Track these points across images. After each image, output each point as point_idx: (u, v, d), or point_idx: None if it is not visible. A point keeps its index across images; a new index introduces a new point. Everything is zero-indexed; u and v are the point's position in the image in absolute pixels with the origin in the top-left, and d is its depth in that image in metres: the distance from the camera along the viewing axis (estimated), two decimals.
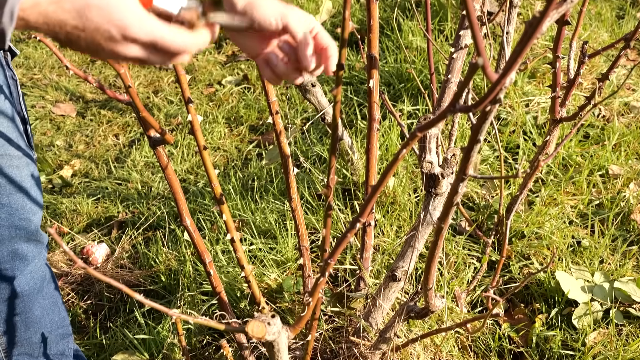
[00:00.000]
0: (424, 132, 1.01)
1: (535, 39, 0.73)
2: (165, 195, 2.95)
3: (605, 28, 3.57)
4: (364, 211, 1.23)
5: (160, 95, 3.76)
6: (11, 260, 1.65)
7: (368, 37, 1.65)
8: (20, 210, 1.62)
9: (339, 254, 1.30)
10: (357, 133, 2.99)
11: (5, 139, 1.54)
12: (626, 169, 2.67)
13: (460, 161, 1.31)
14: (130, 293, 1.06)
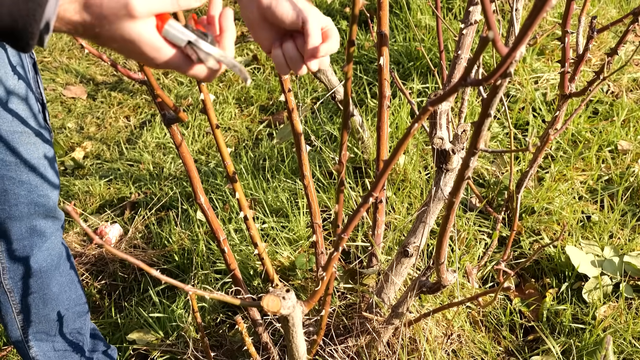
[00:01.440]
0: (435, 106, 1.02)
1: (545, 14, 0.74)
2: (177, 175, 2.97)
3: (613, 4, 3.57)
4: (376, 186, 1.25)
5: (170, 76, 3.78)
6: (29, 237, 1.68)
7: (378, 15, 1.66)
8: (40, 187, 1.65)
9: (352, 229, 1.32)
10: (367, 111, 3.01)
11: (20, 118, 1.57)
12: (635, 144, 2.68)
13: (471, 136, 1.33)
14: (146, 269, 1.08)
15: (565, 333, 2.06)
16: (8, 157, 1.57)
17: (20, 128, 1.57)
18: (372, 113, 2.96)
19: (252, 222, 1.82)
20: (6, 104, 1.53)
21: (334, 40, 1.25)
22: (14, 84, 1.55)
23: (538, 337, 2.07)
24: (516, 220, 1.80)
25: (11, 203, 1.62)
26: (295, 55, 1.23)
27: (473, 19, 1.70)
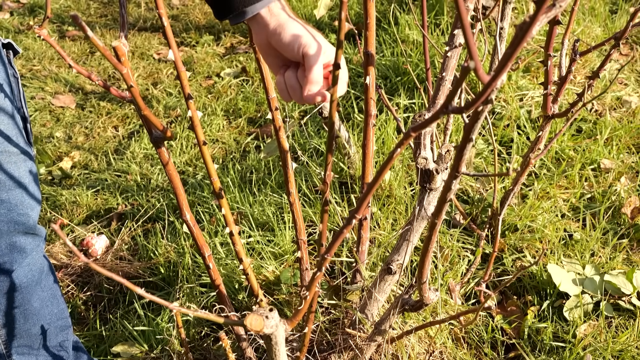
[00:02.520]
0: (418, 132, 1.05)
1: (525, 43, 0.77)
2: (164, 187, 2.99)
3: (598, 23, 3.61)
4: (360, 207, 1.27)
5: (160, 87, 3.79)
6: (9, 253, 1.69)
7: (365, 35, 1.68)
8: (19, 206, 1.66)
9: (336, 249, 1.34)
10: (354, 126, 3.03)
11: (4, 136, 1.58)
12: (617, 163, 2.72)
13: (453, 159, 1.35)
14: (131, 287, 1.09)
15: (546, 351, 2.09)
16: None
17: (2, 146, 1.57)
18: (359, 128, 2.98)
19: (237, 238, 1.83)
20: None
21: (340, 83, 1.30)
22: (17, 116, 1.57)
23: (519, 355, 2.10)
24: (498, 240, 1.83)
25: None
26: (296, 85, 1.27)
27: (457, 41, 1.73)
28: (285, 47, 1.26)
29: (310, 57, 1.24)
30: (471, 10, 1.72)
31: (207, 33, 4.26)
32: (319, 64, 1.25)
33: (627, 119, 2.96)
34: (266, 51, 1.31)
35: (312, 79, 1.25)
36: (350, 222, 1.31)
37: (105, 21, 4.59)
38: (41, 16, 4.67)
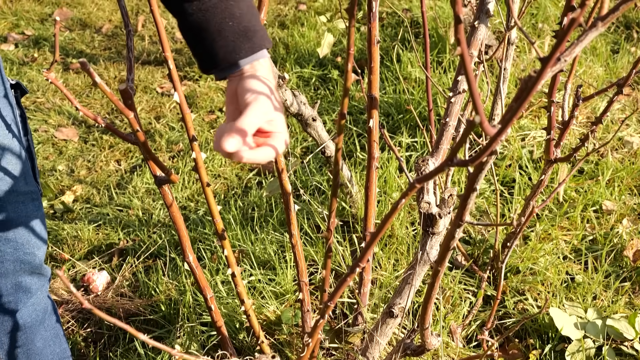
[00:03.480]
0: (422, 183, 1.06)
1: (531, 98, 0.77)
2: (166, 223, 2.99)
3: (600, 62, 3.63)
4: (363, 256, 1.28)
5: (162, 121, 3.80)
6: (14, 293, 1.69)
7: (369, 78, 1.69)
8: (26, 245, 1.66)
9: (339, 297, 1.34)
10: (356, 164, 3.04)
11: (12, 176, 1.59)
12: (619, 204, 2.72)
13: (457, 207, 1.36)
14: (133, 333, 1.09)
15: None
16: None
17: (9, 186, 1.58)
18: (362, 166, 2.99)
19: (239, 279, 1.84)
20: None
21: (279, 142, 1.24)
22: (5, 142, 1.57)
23: None
24: (500, 287, 1.82)
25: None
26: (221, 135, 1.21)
27: (461, 87, 1.74)
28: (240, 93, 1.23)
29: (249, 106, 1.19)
30: (475, 57, 1.73)
31: None
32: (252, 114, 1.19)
33: (629, 160, 2.97)
34: (230, 99, 1.28)
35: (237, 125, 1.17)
36: (354, 271, 1.32)
37: (109, 54, 4.61)
38: (45, 48, 4.70)
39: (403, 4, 4.66)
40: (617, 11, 1.02)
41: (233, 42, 1.24)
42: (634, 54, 3.72)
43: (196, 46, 1.28)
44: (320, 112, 3.58)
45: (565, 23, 1.63)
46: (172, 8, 1.28)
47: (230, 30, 1.24)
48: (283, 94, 2.32)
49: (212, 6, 1.23)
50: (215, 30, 1.23)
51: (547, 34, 3.90)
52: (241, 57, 1.25)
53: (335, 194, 1.54)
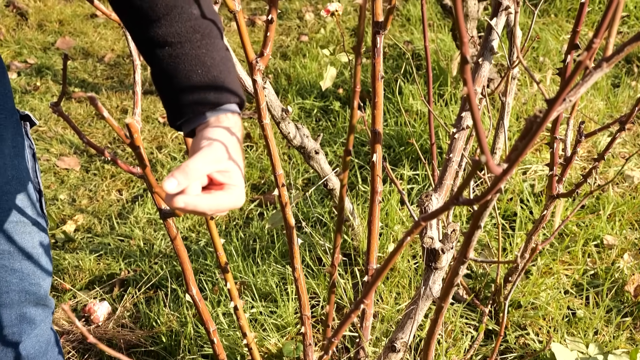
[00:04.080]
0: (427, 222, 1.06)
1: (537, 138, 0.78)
2: (167, 253, 2.99)
3: (601, 97, 3.65)
4: (367, 293, 1.28)
5: (164, 151, 3.82)
6: (19, 324, 1.69)
7: (373, 113, 1.71)
8: (32, 276, 1.67)
9: (342, 333, 1.34)
10: (358, 196, 3.05)
11: (18, 207, 1.60)
12: (620, 239, 2.73)
13: (461, 245, 1.37)
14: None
15: None
16: (3, 246, 1.59)
17: (17, 217, 1.59)
18: (363, 198, 3.00)
19: (242, 313, 1.84)
20: (5, 193, 1.56)
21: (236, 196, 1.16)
22: (13, 174, 1.58)
23: None
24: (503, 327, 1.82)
25: (2, 291, 1.64)
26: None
27: (465, 124, 1.75)
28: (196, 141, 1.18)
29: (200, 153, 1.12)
30: (479, 94, 1.75)
31: None
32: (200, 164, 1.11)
33: (630, 194, 2.98)
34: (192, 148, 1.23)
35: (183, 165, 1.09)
36: (358, 307, 1.32)
37: (112, 83, 4.64)
38: (48, 77, 4.73)
39: (404, 36, 4.69)
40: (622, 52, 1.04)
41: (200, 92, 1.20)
42: (634, 88, 3.75)
43: (165, 95, 1.25)
44: (322, 143, 3.60)
45: (569, 61, 1.65)
46: (146, 54, 1.25)
47: (198, 79, 1.21)
48: (286, 127, 2.34)
49: (183, 53, 1.19)
50: (184, 77, 1.20)
51: (548, 68, 3.93)
52: (206, 108, 1.20)
53: (340, 230, 1.55)
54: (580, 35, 3.90)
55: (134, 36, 1.26)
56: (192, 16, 1.21)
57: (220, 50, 1.23)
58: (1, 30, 5.38)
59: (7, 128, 1.58)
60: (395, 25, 4.88)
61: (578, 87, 1.15)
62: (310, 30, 5.07)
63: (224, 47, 1.25)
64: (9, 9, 5.72)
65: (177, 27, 1.20)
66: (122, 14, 1.27)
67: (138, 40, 1.26)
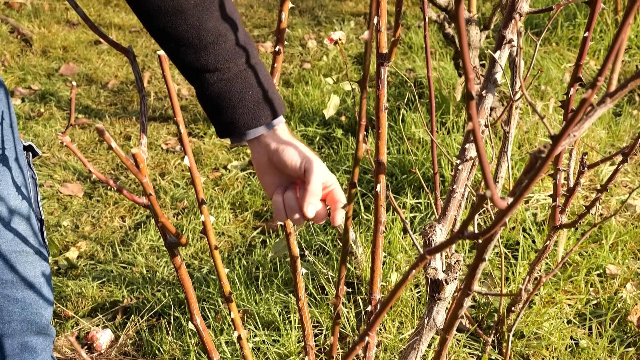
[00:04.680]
0: (432, 255, 1.07)
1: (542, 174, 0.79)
2: (170, 281, 2.99)
3: (602, 125, 3.66)
4: (372, 326, 1.28)
5: (167, 178, 3.83)
6: (20, 353, 1.70)
7: (376, 143, 1.71)
8: (34, 305, 1.68)
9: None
10: (361, 225, 3.05)
11: (21, 237, 1.61)
12: (623, 268, 2.73)
13: (465, 277, 1.37)
14: None
15: None
16: (5, 276, 1.61)
17: (19, 247, 1.61)
18: (366, 227, 3.01)
19: (245, 342, 1.84)
20: (8, 223, 1.58)
21: (341, 214, 1.38)
22: (16, 204, 1.60)
23: None
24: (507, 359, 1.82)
25: (4, 320, 1.65)
26: (294, 205, 1.31)
27: (468, 155, 1.76)
28: (287, 163, 1.31)
29: (311, 169, 1.30)
30: (482, 126, 1.76)
31: None
32: (319, 177, 1.31)
33: (632, 223, 2.98)
34: (265, 170, 1.36)
35: (313, 190, 1.31)
36: (363, 340, 1.32)
37: (115, 110, 4.66)
38: (52, 103, 4.75)
39: (406, 63, 4.72)
40: (625, 88, 1.05)
41: (253, 110, 1.31)
42: (636, 116, 3.76)
43: (216, 114, 1.34)
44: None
45: (571, 94, 1.66)
46: (192, 78, 1.33)
47: (250, 98, 1.31)
48: None
49: (232, 77, 1.28)
50: (236, 99, 1.29)
51: (550, 97, 3.95)
52: (261, 123, 1.32)
53: (345, 261, 1.55)
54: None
55: (180, 63, 1.34)
56: (234, 41, 1.30)
57: (262, 68, 1.35)
58: (6, 56, 5.41)
59: (11, 158, 1.60)
60: (398, 53, 4.91)
61: (582, 123, 1.15)
62: (312, 58, 5.10)
63: (263, 64, 1.36)
64: (13, 35, 5.76)
65: (224, 54, 1.29)
66: (166, 44, 1.33)
67: (184, 67, 1.35)
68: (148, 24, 1.32)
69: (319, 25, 5.66)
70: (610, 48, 0.83)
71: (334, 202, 1.38)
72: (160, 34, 1.32)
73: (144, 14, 1.31)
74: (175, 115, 1.57)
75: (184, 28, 1.28)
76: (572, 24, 4.71)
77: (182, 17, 1.27)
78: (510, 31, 1.67)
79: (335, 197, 1.38)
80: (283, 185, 1.37)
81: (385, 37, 1.57)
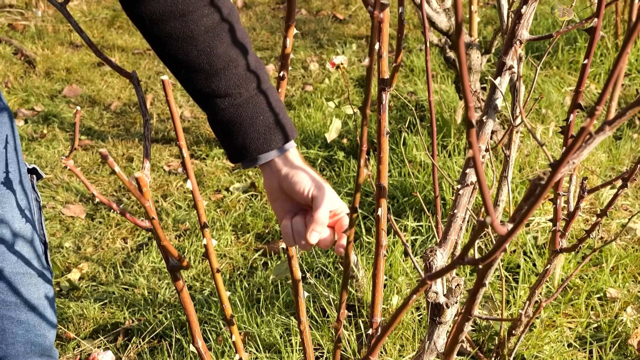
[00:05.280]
0: (433, 280, 1.08)
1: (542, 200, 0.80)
2: (172, 303, 3.00)
3: (602, 149, 3.68)
4: (374, 349, 1.30)
5: (169, 199, 3.84)
6: None
7: (378, 168, 1.73)
8: (37, 327, 1.69)
9: None
10: (362, 247, 3.06)
11: (25, 259, 1.62)
12: (623, 292, 2.74)
13: (466, 301, 1.38)
14: None
15: None
16: (9, 298, 1.62)
17: (23, 269, 1.62)
18: (367, 249, 3.01)
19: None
20: (12, 246, 1.59)
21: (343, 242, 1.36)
22: (20, 226, 1.61)
23: None
24: None
25: (8, 342, 1.66)
26: (302, 230, 1.32)
27: (469, 180, 1.77)
28: (296, 189, 1.32)
29: (319, 198, 1.31)
30: (482, 151, 1.77)
31: (217, 146, 4.34)
32: (326, 206, 1.32)
33: (633, 246, 2.99)
34: (276, 195, 1.37)
35: (319, 218, 1.31)
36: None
37: (118, 131, 4.68)
38: (55, 124, 4.77)
39: (408, 86, 4.74)
40: (624, 116, 1.06)
41: (264, 135, 1.33)
42: (636, 140, 3.78)
43: (227, 138, 1.35)
44: None
45: (571, 120, 1.68)
46: (203, 104, 1.34)
47: (261, 123, 1.32)
48: None
49: (244, 102, 1.30)
50: (247, 124, 1.31)
51: (550, 120, 3.97)
52: (272, 148, 1.34)
53: (346, 286, 1.56)
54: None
55: (191, 89, 1.35)
56: (245, 66, 1.32)
57: (273, 93, 1.36)
58: (9, 77, 5.44)
59: (15, 181, 1.61)
60: (399, 77, 4.93)
61: (581, 150, 1.17)
62: (314, 80, 5.13)
63: (274, 88, 1.39)
64: (17, 57, 5.79)
65: (235, 79, 1.31)
66: (177, 70, 1.35)
67: (195, 93, 1.36)
68: (159, 50, 1.34)
69: (321, 47, 5.69)
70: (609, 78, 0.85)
71: (341, 229, 1.39)
72: (172, 60, 1.33)
73: (155, 41, 1.32)
74: (178, 139, 1.58)
75: (195, 54, 1.29)
76: (572, 48, 4.74)
77: (193, 43, 1.28)
78: (510, 58, 1.69)
79: (342, 225, 1.39)
80: (293, 211, 1.39)
81: (387, 63, 1.59)
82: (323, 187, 1.33)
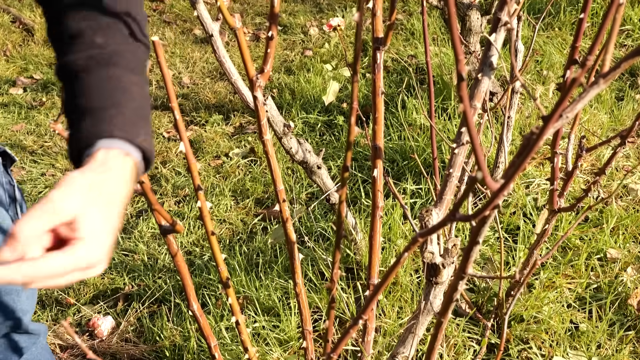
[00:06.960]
0: (425, 237, 1.07)
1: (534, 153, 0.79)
2: (171, 268, 3.00)
3: (604, 110, 3.65)
4: (366, 308, 1.29)
5: (168, 166, 3.83)
6: (4, 351, 1.70)
7: (373, 128, 1.71)
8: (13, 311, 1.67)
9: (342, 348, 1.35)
10: (361, 211, 3.05)
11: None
12: (624, 252, 2.72)
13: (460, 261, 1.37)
14: None
15: None
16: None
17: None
18: (366, 213, 3.00)
19: (243, 327, 1.84)
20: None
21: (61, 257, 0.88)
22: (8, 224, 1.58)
23: None
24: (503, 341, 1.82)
25: None
26: None
27: (464, 139, 1.75)
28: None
29: (31, 210, 0.88)
30: (479, 109, 1.75)
31: (216, 112, 4.32)
32: (32, 224, 0.86)
33: (634, 207, 2.97)
34: None
35: (12, 236, 0.85)
36: (357, 323, 1.33)
37: None
38: (53, 92, 4.75)
39: (408, 50, 4.70)
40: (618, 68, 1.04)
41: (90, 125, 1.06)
42: (638, 101, 3.74)
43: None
44: (326, 158, 3.61)
45: (568, 76, 1.65)
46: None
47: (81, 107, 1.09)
48: (288, 142, 2.34)
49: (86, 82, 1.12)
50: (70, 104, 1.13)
51: (552, 81, 3.93)
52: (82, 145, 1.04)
53: (339, 245, 1.55)
54: (583, 48, 3.90)
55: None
56: (94, 45, 1.12)
57: (114, 80, 1.09)
58: (8, 46, 5.41)
59: None
60: (400, 40, 4.89)
61: (575, 104, 1.15)
62: (314, 45, 5.09)
63: (125, 78, 1.11)
64: (15, 25, 5.76)
65: (79, 56, 1.12)
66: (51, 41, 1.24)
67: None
68: None
69: (320, 12, 5.65)
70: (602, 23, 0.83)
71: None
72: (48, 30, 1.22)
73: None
74: (170, 101, 1.57)
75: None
76: (574, 9, 4.69)
77: None
78: (505, 13, 1.66)
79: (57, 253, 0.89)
80: None
81: (381, 21, 1.56)
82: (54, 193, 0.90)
